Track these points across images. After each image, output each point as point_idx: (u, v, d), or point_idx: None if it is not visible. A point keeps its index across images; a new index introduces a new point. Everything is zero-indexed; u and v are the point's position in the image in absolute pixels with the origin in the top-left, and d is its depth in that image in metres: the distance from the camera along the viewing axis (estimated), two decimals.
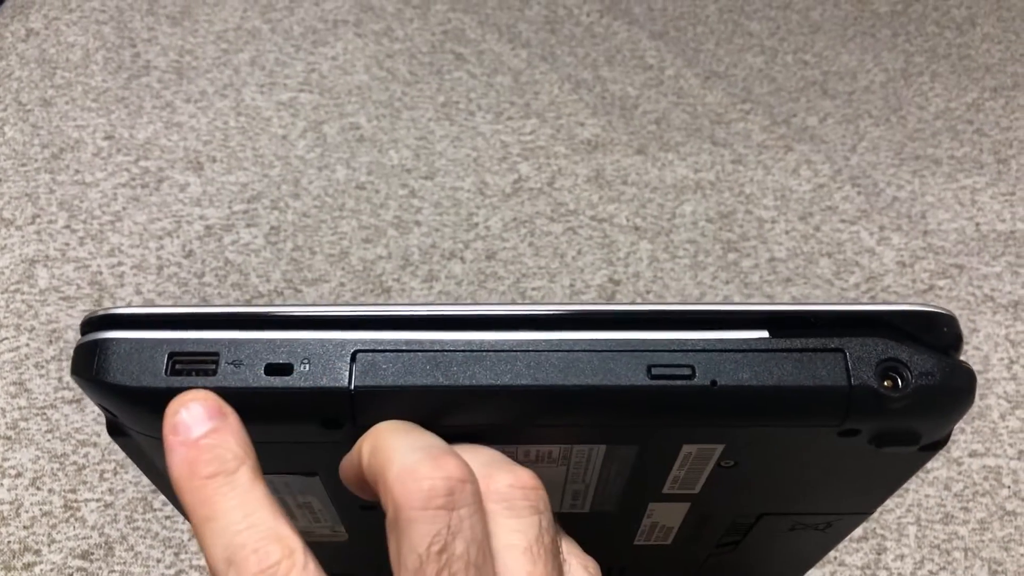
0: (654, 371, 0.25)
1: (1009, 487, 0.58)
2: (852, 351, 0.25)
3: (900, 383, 0.25)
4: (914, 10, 0.97)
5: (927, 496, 0.57)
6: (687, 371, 0.25)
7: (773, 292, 0.68)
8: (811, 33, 0.93)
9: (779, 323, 0.26)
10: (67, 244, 0.69)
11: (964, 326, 0.66)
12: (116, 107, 0.80)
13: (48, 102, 0.80)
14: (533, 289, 0.68)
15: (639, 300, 0.68)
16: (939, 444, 0.28)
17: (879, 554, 0.55)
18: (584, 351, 0.25)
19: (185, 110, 0.81)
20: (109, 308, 0.26)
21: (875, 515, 0.56)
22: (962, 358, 0.27)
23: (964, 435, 0.60)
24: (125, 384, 0.24)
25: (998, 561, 0.55)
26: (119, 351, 0.25)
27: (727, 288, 0.69)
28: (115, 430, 0.27)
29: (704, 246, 0.72)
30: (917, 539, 0.55)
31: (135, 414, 0.25)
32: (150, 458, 0.28)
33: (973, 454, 0.59)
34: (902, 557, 0.55)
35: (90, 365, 0.25)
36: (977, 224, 0.74)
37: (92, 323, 0.26)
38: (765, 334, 0.26)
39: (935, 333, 0.26)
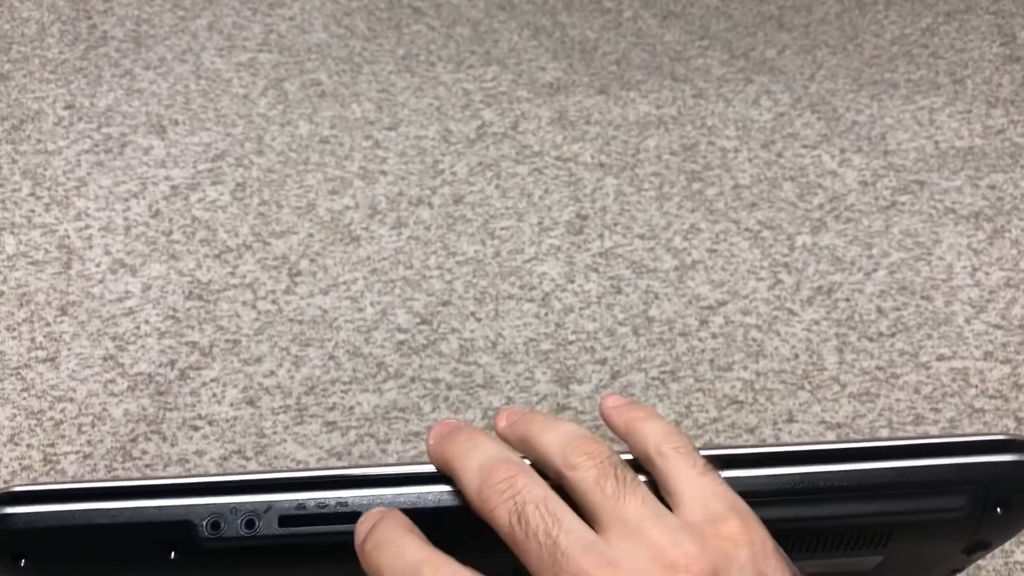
0: None
1: (977, 386, 0.59)
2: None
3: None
4: None
5: (898, 400, 0.58)
6: None
7: (739, 217, 0.69)
8: None
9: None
10: (32, 211, 0.69)
11: (927, 237, 0.67)
12: (75, 77, 0.80)
13: (5, 76, 0.80)
14: (502, 229, 0.69)
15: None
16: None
17: None
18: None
19: (145, 77, 0.80)
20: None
21: (847, 420, 0.57)
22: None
23: (931, 340, 0.61)
24: None
25: None
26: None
27: (693, 216, 0.69)
28: None
29: (669, 178, 0.72)
30: None
31: None
32: None
33: (941, 358, 0.60)
34: None
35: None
36: (936, 142, 0.75)
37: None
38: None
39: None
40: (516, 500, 0.28)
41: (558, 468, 0.30)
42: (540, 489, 0.28)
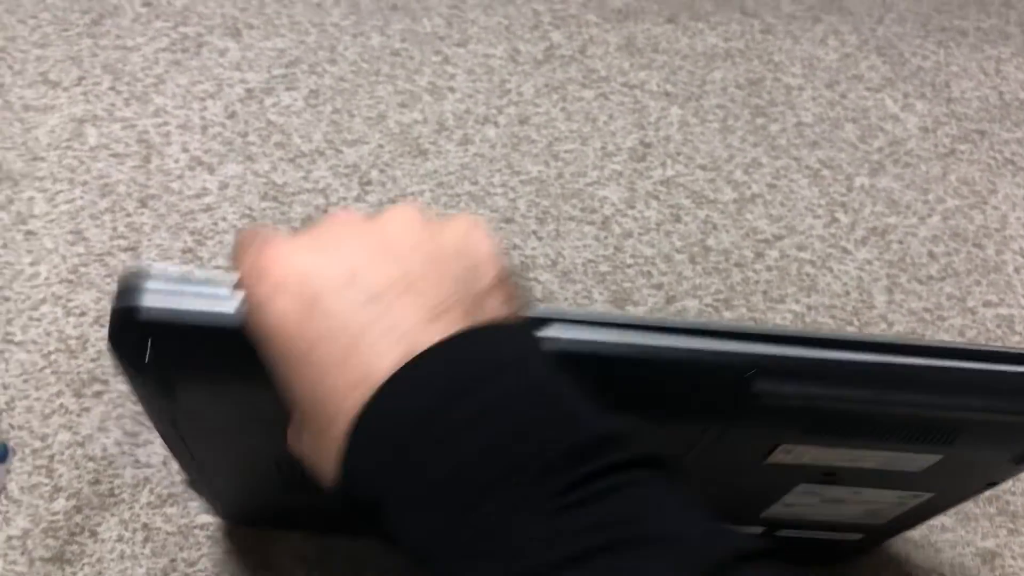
0: None
1: (1021, 333, 0.61)
2: None
3: None
4: None
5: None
6: None
7: (800, 155, 0.70)
8: None
9: None
10: (113, 105, 0.71)
11: (984, 187, 0.69)
12: None
13: None
14: (566, 151, 0.70)
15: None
16: None
17: None
18: None
19: None
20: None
21: None
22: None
23: (980, 287, 0.63)
24: None
25: None
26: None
27: (755, 151, 0.71)
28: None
29: (733, 111, 0.73)
30: None
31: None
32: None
33: (987, 304, 0.62)
34: None
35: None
36: (1000, 92, 0.76)
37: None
38: None
39: None
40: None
41: None
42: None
